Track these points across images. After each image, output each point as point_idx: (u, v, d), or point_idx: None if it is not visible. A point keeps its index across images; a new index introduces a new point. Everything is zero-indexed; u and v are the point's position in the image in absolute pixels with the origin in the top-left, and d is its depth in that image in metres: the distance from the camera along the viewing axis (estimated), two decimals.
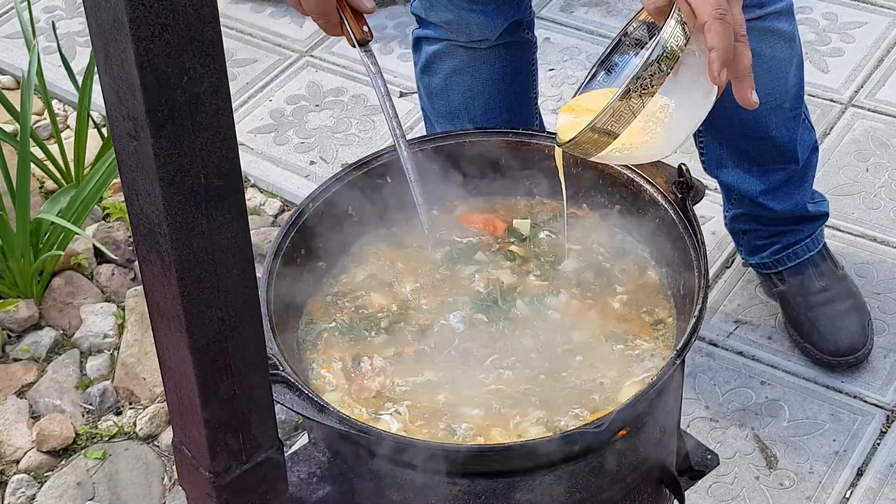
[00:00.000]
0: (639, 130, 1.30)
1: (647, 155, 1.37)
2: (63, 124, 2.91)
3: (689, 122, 1.34)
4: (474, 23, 2.00)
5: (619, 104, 1.26)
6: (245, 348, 1.09)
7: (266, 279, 1.41)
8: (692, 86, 1.30)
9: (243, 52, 3.14)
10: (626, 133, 1.29)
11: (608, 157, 1.35)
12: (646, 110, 1.27)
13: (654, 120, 1.29)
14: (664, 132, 1.32)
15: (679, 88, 1.28)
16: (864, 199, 2.58)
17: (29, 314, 2.35)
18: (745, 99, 1.31)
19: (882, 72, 2.91)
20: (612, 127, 1.28)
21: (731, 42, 1.25)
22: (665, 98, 1.28)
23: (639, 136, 1.31)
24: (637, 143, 1.32)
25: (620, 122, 1.28)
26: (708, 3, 1.23)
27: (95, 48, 0.91)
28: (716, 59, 1.24)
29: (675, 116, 1.30)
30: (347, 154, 2.79)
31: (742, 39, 1.27)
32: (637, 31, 1.44)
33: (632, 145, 1.32)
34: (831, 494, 2.05)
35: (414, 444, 1.29)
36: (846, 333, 2.22)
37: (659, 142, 1.33)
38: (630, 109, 1.27)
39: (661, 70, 1.26)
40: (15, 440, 2.17)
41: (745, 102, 1.31)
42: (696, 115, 1.33)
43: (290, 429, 2.17)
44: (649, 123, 1.29)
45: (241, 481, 1.17)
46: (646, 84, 1.26)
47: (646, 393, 1.29)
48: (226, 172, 0.98)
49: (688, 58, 1.27)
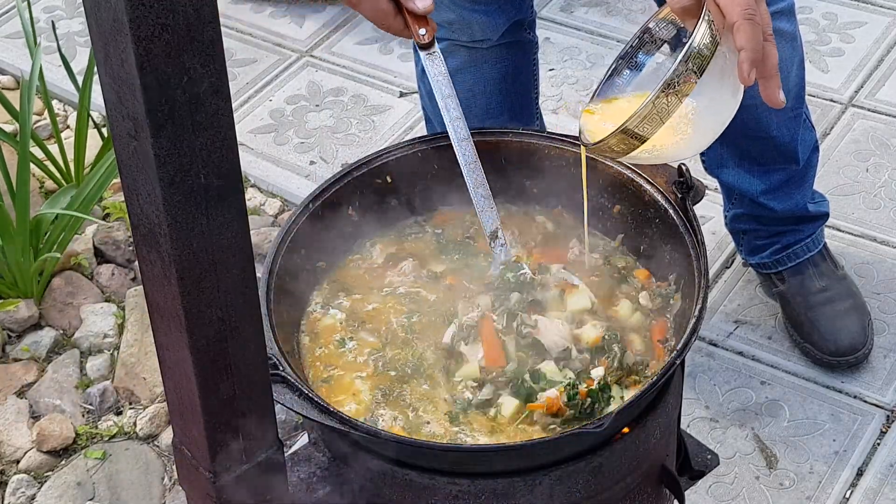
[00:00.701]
0: (669, 132, 1.30)
1: (675, 155, 1.38)
2: (63, 124, 2.91)
3: (718, 122, 1.34)
4: (476, 22, 2.00)
5: (650, 108, 1.26)
6: (245, 348, 1.09)
7: (266, 279, 1.41)
8: (721, 85, 1.30)
9: (243, 52, 3.14)
10: (656, 135, 1.29)
11: (636, 158, 1.35)
12: (676, 112, 1.27)
13: (685, 121, 1.29)
14: (693, 132, 1.32)
15: (708, 89, 1.29)
16: (864, 199, 2.58)
17: (29, 314, 2.35)
18: (774, 97, 1.31)
19: (882, 72, 2.91)
20: (643, 130, 1.29)
21: (760, 42, 1.25)
22: (696, 99, 1.28)
23: (669, 138, 1.31)
24: (667, 143, 1.32)
25: (651, 125, 1.28)
26: (737, 4, 1.23)
27: (95, 48, 0.91)
28: (745, 60, 1.25)
29: (704, 116, 1.31)
30: (347, 154, 2.79)
31: (770, 39, 1.27)
32: (661, 29, 1.44)
33: (662, 146, 1.32)
34: (831, 494, 2.05)
35: (414, 444, 1.30)
36: (846, 333, 2.22)
37: (689, 142, 1.33)
38: (660, 113, 1.27)
39: (692, 72, 1.26)
40: (15, 440, 2.17)
41: (773, 102, 1.31)
42: (725, 114, 1.34)
43: (290, 429, 2.17)
44: (680, 125, 1.29)
45: (241, 481, 1.17)
46: (677, 87, 1.26)
47: (646, 393, 1.29)
48: (226, 172, 0.98)
49: (716, 58, 1.27)
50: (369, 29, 3.19)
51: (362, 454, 1.33)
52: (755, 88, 1.38)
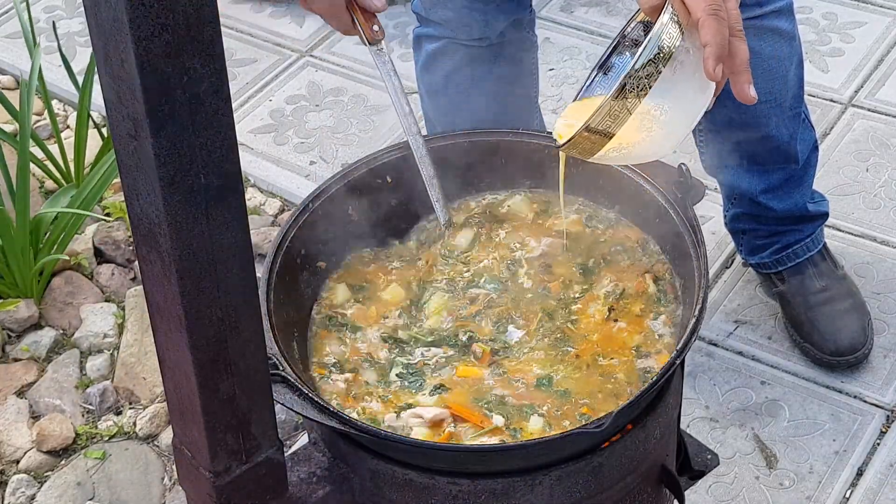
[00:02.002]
0: (635, 129, 1.29)
1: (645, 154, 1.37)
2: (63, 124, 2.91)
3: (686, 120, 1.33)
4: (475, 21, 2.00)
5: (613, 103, 1.26)
6: (245, 348, 1.09)
7: (266, 279, 1.41)
8: (688, 83, 1.29)
9: (243, 52, 3.14)
10: (622, 132, 1.28)
11: (606, 158, 1.34)
12: (641, 108, 1.27)
13: (651, 118, 1.29)
14: (661, 130, 1.31)
15: (675, 86, 1.28)
16: (864, 199, 2.58)
17: (29, 314, 2.35)
18: (744, 93, 1.30)
19: (882, 72, 2.91)
20: (608, 126, 1.28)
21: (725, 38, 1.25)
22: (661, 96, 1.27)
23: (635, 135, 1.30)
24: (634, 141, 1.31)
25: (616, 121, 1.27)
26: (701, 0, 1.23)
27: (95, 48, 0.91)
28: (710, 55, 1.24)
29: (671, 114, 1.30)
30: (347, 154, 2.79)
31: (738, 34, 1.27)
32: (634, 31, 1.44)
33: (629, 144, 1.32)
34: (831, 494, 2.05)
35: (414, 444, 1.30)
36: (846, 333, 2.22)
37: (656, 140, 1.33)
38: (625, 108, 1.27)
39: (654, 67, 1.25)
40: (15, 440, 2.17)
41: (743, 98, 1.30)
42: (693, 112, 1.33)
43: (290, 429, 2.17)
44: (645, 121, 1.29)
45: (241, 481, 1.17)
46: (640, 82, 1.25)
47: (646, 393, 1.29)
48: (226, 172, 0.98)
49: (683, 55, 1.27)
50: None
51: (362, 454, 1.33)
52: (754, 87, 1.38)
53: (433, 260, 1.54)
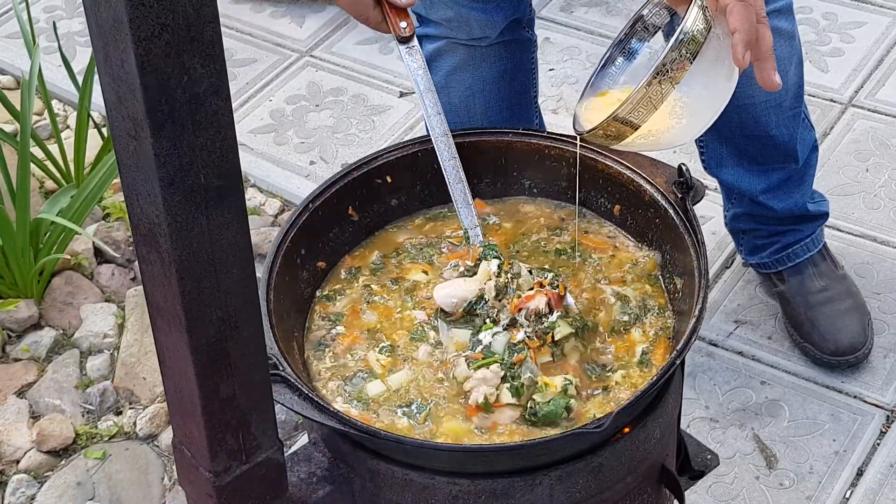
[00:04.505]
0: (663, 117, 1.29)
1: (670, 141, 1.37)
2: (63, 124, 2.91)
3: (712, 107, 1.34)
4: (474, 20, 2.00)
5: (642, 94, 1.26)
6: (245, 348, 1.09)
7: (266, 279, 1.41)
8: (715, 70, 1.30)
9: (243, 52, 3.14)
10: (652, 119, 1.29)
11: (632, 145, 1.35)
12: (672, 97, 1.27)
13: (679, 106, 1.29)
14: (689, 118, 1.32)
15: (702, 73, 1.28)
16: (864, 199, 2.58)
17: (29, 314, 2.35)
18: (769, 79, 1.30)
19: (882, 72, 2.91)
20: (635, 117, 1.28)
21: (753, 24, 1.25)
22: (689, 84, 1.28)
23: (663, 123, 1.31)
24: (661, 129, 1.32)
25: (644, 111, 1.28)
26: None
27: (95, 48, 0.92)
28: (739, 42, 1.25)
29: (699, 101, 1.31)
30: (347, 154, 2.79)
31: (763, 21, 1.27)
32: (653, 15, 1.44)
33: (656, 132, 1.32)
34: (831, 494, 2.05)
35: (414, 443, 1.30)
36: (846, 333, 2.22)
37: (683, 127, 1.33)
38: (653, 99, 1.27)
39: (685, 58, 1.26)
40: (15, 440, 2.17)
41: (768, 84, 1.31)
42: (720, 98, 1.34)
43: (290, 429, 2.17)
44: (675, 110, 1.29)
45: (241, 481, 1.17)
46: (669, 73, 1.26)
47: (646, 393, 1.29)
48: (226, 172, 0.98)
49: (710, 42, 1.27)
50: (369, 29, 3.18)
51: (362, 454, 1.33)
52: (753, 87, 1.38)
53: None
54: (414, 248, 1.56)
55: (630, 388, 1.38)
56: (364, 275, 1.54)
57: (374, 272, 1.54)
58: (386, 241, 1.58)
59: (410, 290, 1.51)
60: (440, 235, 1.58)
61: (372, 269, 1.54)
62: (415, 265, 1.54)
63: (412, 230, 1.59)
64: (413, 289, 1.51)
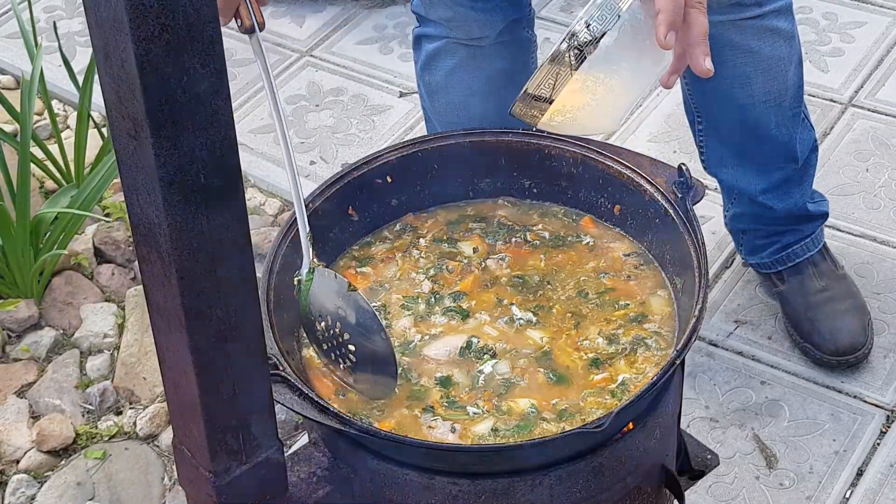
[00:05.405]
0: (577, 92, 1.30)
1: (592, 122, 1.38)
2: (63, 124, 2.91)
3: (634, 88, 1.34)
4: (474, 20, 2.00)
5: (549, 66, 1.27)
6: (245, 348, 1.09)
7: (266, 279, 1.41)
8: (639, 51, 1.30)
9: (243, 52, 3.14)
10: (564, 95, 1.29)
11: (557, 126, 1.35)
12: (584, 72, 1.27)
13: (595, 81, 1.29)
14: (607, 96, 1.32)
15: (625, 52, 1.29)
16: (864, 199, 2.58)
17: (29, 314, 2.35)
18: (699, 66, 1.30)
19: (882, 72, 2.91)
20: (544, 91, 1.29)
21: (679, 6, 1.25)
22: (607, 61, 1.28)
23: (578, 98, 1.31)
24: (577, 105, 1.32)
25: (556, 83, 1.28)
26: None
27: (95, 48, 0.92)
28: (662, 22, 1.25)
29: (619, 80, 1.31)
30: (347, 154, 2.79)
31: (697, 6, 1.27)
32: None
33: (573, 108, 1.32)
34: (831, 494, 2.05)
35: (414, 443, 1.30)
36: (846, 333, 2.22)
37: (603, 107, 1.33)
38: (561, 71, 1.27)
39: (598, 31, 1.26)
40: (15, 440, 2.17)
41: (699, 70, 1.31)
42: (643, 80, 1.34)
43: (290, 429, 2.17)
44: (588, 83, 1.29)
45: (241, 481, 1.17)
46: (581, 45, 1.26)
47: (646, 393, 1.29)
48: (226, 172, 0.98)
49: (635, 22, 1.28)
50: (369, 29, 3.19)
51: (362, 454, 1.33)
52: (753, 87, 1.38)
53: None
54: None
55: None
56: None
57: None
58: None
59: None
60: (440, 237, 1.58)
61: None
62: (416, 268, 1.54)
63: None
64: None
